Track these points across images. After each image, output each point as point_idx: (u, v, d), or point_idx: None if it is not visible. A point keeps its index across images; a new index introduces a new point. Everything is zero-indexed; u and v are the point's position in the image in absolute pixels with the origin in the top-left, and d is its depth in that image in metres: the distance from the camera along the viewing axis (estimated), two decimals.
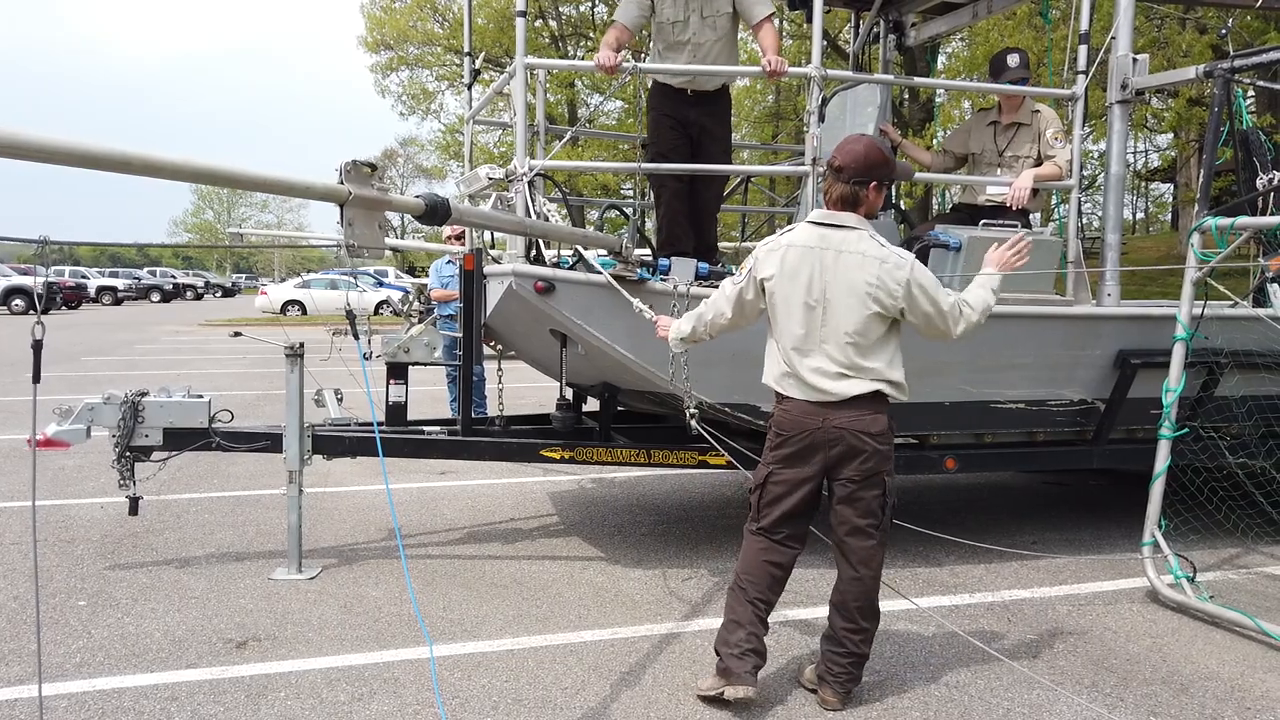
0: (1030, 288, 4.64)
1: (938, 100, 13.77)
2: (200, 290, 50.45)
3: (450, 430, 5.08)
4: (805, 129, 4.62)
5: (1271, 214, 4.61)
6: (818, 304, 3.13)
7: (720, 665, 3.18)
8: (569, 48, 26.95)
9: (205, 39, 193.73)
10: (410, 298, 7.09)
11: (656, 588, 4.42)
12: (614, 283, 4.16)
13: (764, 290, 3.25)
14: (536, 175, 4.40)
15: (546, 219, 4.43)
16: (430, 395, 9.03)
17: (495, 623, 3.93)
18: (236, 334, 7.25)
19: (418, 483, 6.49)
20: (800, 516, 3.25)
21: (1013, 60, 5.25)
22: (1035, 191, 4.96)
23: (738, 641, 3.16)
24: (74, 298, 34.25)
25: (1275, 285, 4.95)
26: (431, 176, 51.75)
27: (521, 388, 7.95)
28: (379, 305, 24.49)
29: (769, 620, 3.27)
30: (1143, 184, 36.32)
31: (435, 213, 2.99)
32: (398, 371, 5.16)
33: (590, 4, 27.38)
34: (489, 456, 4.96)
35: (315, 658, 3.53)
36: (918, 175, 6.11)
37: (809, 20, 4.70)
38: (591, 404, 5.52)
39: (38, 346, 2.30)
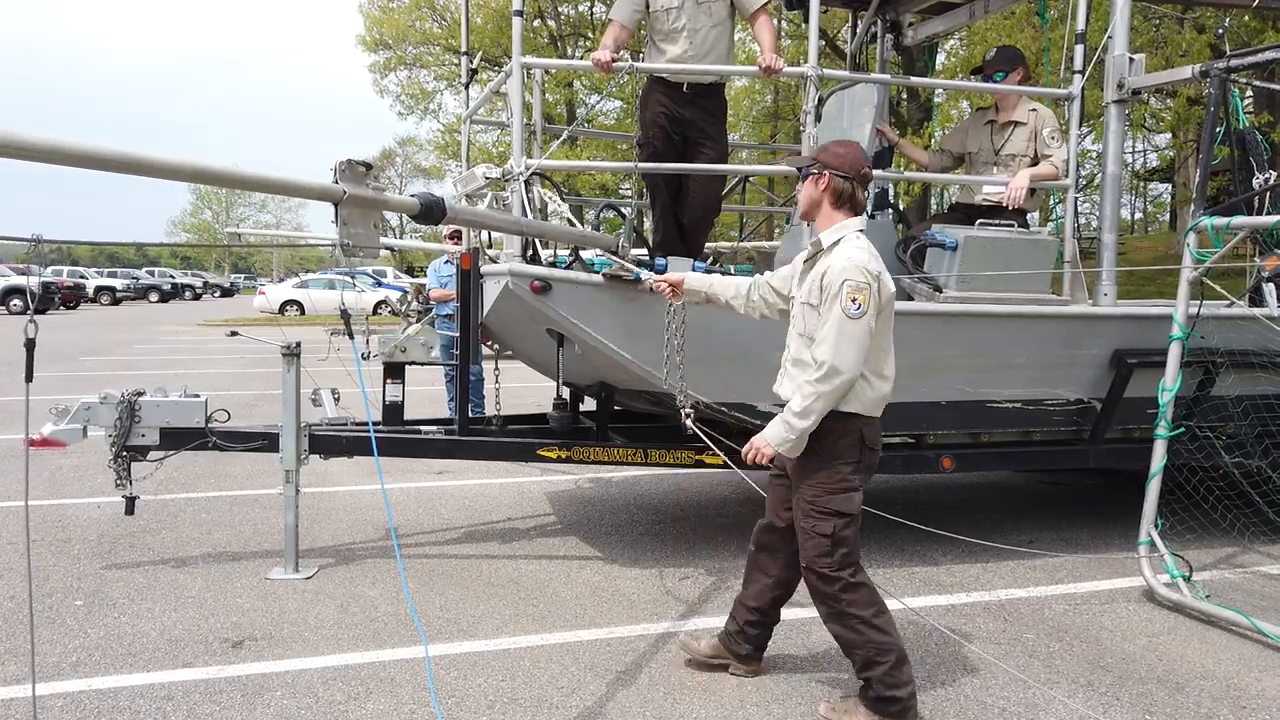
0: (1027, 287, 4.65)
1: (936, 100, 13.77)
2: (198, 290, 50.41)
3: (447, 430, 5.08)
4: (802, 129, 4.62)
5: (1267, 213, 4.62)
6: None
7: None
8: (568, 48, 26.96)
9: (206, 39, 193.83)
10: (408, 298, 7.09)
11: (653, 587, 4.42)
12: (610, 256, 4.16)
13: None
14: (533, 175, 4.40)
15: (544, 216, 4.42)
16: (428, 395, 9.03)
17: (492, 622, 3.93)
18: (233, 333, 7.22)
19: (415, 482, 6.49)
20: None
21: (989, 54, 5.29)
22: (1032, 191, 4.97)
23: None
24: (72, 298, 34.22)
25: (1271, 285, 4.96)
26: (430, 176, 51.70)
27: (519, 387, 7.94)
28: (377, 305, 24.48)
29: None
30: (1141, 184, 36.36)
31: (431, 212, 2.99)
32: (395, 371, 5.16)
33: (589, 3, 27.39)
34: (486, 456, 4.97)
35: (311, 657, 3.53)
36: (916, 175, 6.12)
37: (806, 20, 4.69)
38: (588, 404, 5.52)
39: (30, 345, 2.30)
